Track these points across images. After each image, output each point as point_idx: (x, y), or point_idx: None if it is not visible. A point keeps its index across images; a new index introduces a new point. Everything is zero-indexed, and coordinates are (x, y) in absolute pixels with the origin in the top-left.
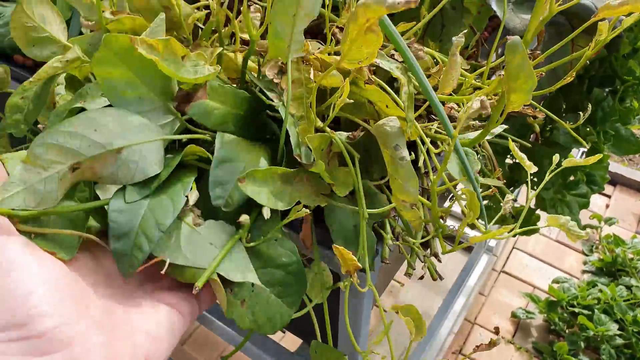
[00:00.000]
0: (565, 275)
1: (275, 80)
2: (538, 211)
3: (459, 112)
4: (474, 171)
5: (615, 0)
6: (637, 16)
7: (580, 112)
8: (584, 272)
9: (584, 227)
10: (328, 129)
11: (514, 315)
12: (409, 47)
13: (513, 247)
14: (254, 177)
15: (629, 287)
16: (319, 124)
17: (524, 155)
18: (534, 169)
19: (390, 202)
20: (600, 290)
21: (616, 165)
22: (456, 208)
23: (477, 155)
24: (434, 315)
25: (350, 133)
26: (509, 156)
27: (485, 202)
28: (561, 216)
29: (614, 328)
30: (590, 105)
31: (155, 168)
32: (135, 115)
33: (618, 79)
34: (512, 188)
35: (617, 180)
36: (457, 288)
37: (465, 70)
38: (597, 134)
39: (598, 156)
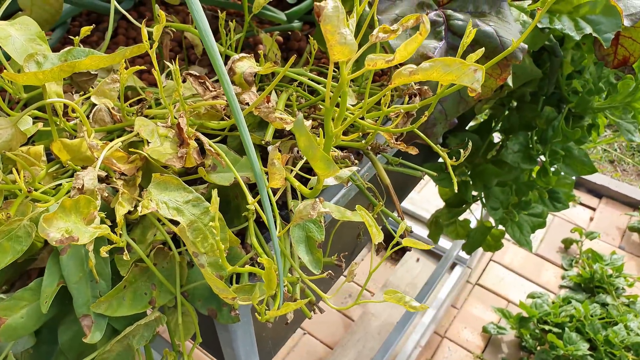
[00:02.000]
0: (542, 290)
1: None
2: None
3: None
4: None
5: (406, 68)
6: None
7: (529, 132)
8: (561, 287)
9: (568, 242)
10: None
11: (485, 330)
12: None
13: (490, 260)
14: None
15: (604, 305)
16: None
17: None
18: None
19: None
20: (574, 308)
21: (603, 178)
22: (409, 206)
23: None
24: (393, 328)
25: None
26: (455, 175)
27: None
28: (397, 291)
29: (584, 347)
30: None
31: None
32: None
33: (565, 99)
34: (463, 206)
35: (602, 193)
36: (423, 299)
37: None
38: (545, 154)
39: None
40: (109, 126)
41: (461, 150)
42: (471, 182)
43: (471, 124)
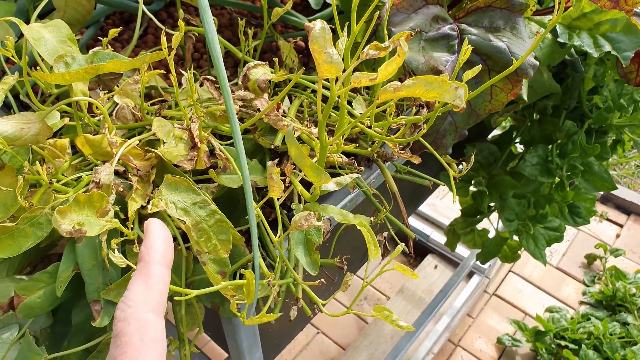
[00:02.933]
0: (561, 304)
1: None
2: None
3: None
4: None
5: (391, 85)
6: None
7: (550, 145)
8: (581, 303)
9: (592, 257)
10: None
11: (499, 341)
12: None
13: (509, 271)
14: None
15: (624, 324)
16: None
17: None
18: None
19: None
20: (593, 325)
21: (633, 194)
22: (430, 212)
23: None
24: (404, 333)
25: None
26: (472, 184)
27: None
28: (386, 308)
29: None
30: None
31: None
32: None
33: (585, 114)
34: (478, 216)
35: (631, 210)
36: (434, 309)
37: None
38: (562, 169)
39: None
40: (129, 124)
41: (463, 164)
42: (487, 193)
43: (494, 133)
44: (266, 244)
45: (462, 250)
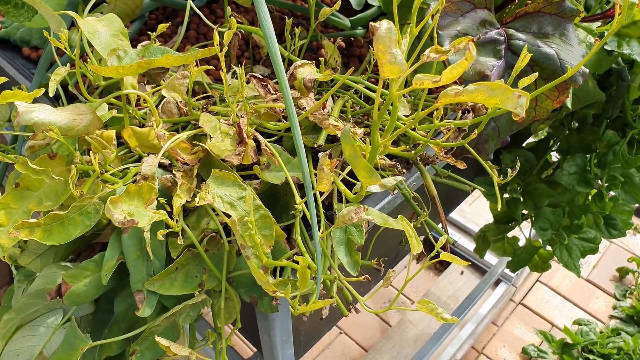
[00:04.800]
0: (589, 317)
1: None
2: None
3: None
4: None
5: (452, 89)
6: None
7: (589, 155)
8: (611, 317)
9: (624, 271)
10: None
11: (524, 351)
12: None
13: (537, 280)
14: None
15: None
16: None
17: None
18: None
19: None
20: (623, 340)
21: None
22: (459, 218)
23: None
24: (429, 338)
25: None
26: (506, 191)
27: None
28: (430, 302)
29: None
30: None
31: None
32: None
33: (628, 124)
34: (511, 224)
35: None
36: (460, 315)
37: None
38: (601, 179)
39: None
40: (175, 118)
41: (509, 170)
42: (522, 200)
43: (530, 140)
44: (306, 241)
45: (489, 257)
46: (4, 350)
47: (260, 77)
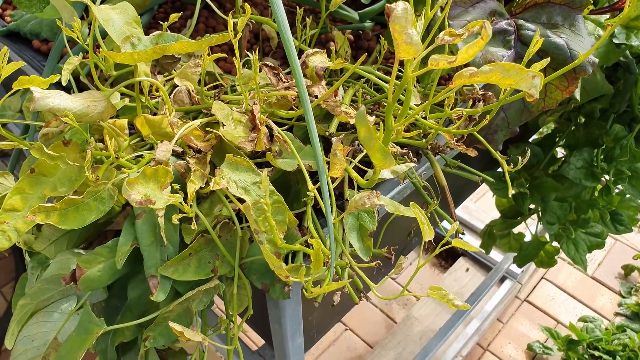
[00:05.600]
0: (595, 314)
1: None
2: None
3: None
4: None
5: (467, 70)
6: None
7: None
8: (616, 314)
9: (629, 269)
10: None
11: (529, 348)
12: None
13: (542, 277)
14: None
15: None
16: None
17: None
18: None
19: None
20: (629, 337)
21: None
22: (464, 215)
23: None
24: (434, 334)
25: None
26: (513, 186)
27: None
28: (441, 288)
29: None
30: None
31: None
32: None
33: (636, 118)
34: (518, 218)
35: None
36: (465, 311)
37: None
38: (608, 173)
39: None
40: (187, 107)
41: (519, 158)
42: (529, 194)
43: (534, 137)
44: (317, 228)
45: (494, 254)
46: (19, 336)
47: (272, 65)
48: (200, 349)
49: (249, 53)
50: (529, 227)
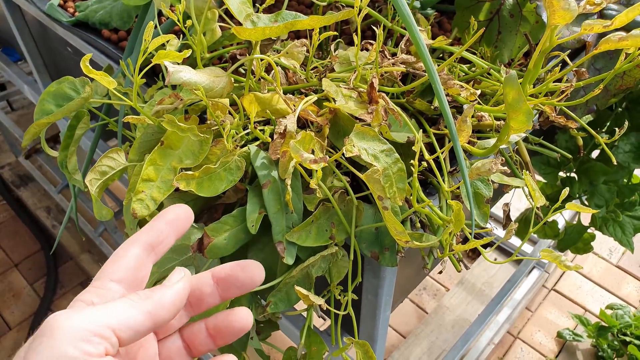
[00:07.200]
0: (621, 302)
1: None
2: (592, 230)
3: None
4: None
5: (615, 35)
6: None
7: None
8: None
9: None
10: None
11: (559, 335)
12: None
13: None
14: None
15: None
16: None
17: None
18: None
19: None
20: None
21: None
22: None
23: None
24: (473, 322)
25: None
26: (562, 170)
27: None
28: (555, 251)
29: None
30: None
31: None
32: None
33: None
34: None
35: None
36: (501, 299)
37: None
38: None
39: None
40: (285, 86)
41: (616, 129)
42: (577, 179)
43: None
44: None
45: (516, 242)
46: None
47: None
48: (314, 311)
49: (375, 27)
50: (562, 215)
